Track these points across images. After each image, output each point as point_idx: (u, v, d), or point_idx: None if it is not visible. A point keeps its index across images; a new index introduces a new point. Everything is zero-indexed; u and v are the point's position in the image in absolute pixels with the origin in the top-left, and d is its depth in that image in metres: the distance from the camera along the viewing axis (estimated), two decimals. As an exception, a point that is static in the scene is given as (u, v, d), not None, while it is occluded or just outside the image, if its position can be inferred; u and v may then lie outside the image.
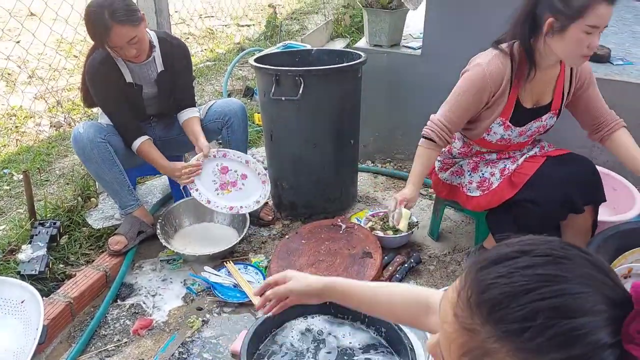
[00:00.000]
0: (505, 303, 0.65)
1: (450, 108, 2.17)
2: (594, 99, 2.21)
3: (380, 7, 3.05)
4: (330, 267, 2.41)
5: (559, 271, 0.66)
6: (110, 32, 2.28)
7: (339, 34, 5.69)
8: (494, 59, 2.07)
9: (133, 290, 2.42)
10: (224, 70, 4.73)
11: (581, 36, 1.85)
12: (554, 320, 0.63)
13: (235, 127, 2.72)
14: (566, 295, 0.64)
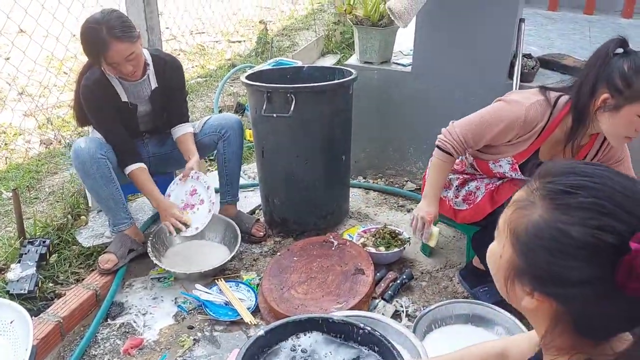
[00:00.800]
0: (560, 177, 0.84)
1: (472, 129, 2.12)
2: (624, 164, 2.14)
3: (371, 25, 3.08)
4: (323, 284, 2.40)
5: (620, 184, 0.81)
6: (108, 49, 2.28)
7: (329, 50, 5.72)
8: (536, 105, 2.01)
9: (123, 309, 2.40)
10: (215, 87, 4.74)
11: (633, 119, 1.81)
12: (588, 198, 0.79)
13: (232, 140, 2.73)
14: (609, 196, 0.79)
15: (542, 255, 0.81)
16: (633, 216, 0.77)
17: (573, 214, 0.79)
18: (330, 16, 6.67)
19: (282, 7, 7.65)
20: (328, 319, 1.78)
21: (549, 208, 0.82)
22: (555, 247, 0.80)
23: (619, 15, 4.56)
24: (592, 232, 0.77)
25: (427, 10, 2.77)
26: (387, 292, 2.42)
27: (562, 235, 0.79)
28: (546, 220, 0.82)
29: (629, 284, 0.74)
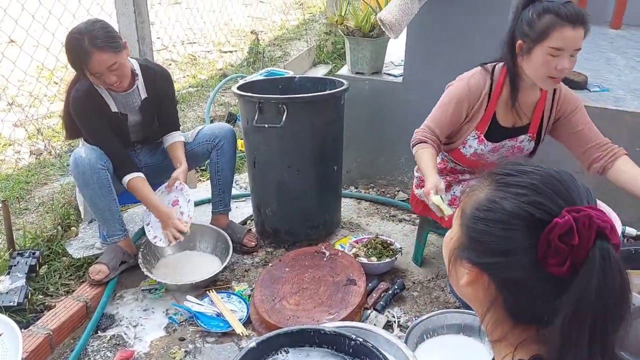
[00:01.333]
0: (509, 165, 0.92)
1: (433, 119, 2.26)
2: (580, 128, 2.21)
3: (362, 36, 3.09)
4: (314, 294, 2.39)
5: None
6: (90, 59, 2.28)
7: (321, 60, 5.75)
8: (476, 74, 2.21)
9: (114, 321, 2.38)
10: (207, 97, 4.74)
11: (546, 58, 1.95)
12: (526, 180, 0.86)
13: (225, 150, 2.73)
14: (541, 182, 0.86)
15: (479, 226, 0.88)
16: (566, 201, 0.83)
17: (510, 190, 0.87)
18: (321, 26, 6.70)
19: (274, 18, 7.67)
20: (320, 331, 1.78)
21: (492, 188, 0.90)
22: (490, 217, 0.87)
23: (608, 26, 4.61)
24: (522, 206, 0.84)
25: (418, 21, 2.78)
26: (379, 303, 2.42)
27: (497, 207, 0.86)
28: (487, 195, 0.90)
29: (549, 259, 0.79)
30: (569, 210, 0.80)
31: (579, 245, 0.78)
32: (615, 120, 2.77)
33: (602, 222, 0.79)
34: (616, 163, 2.18)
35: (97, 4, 3.67)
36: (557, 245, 0.79)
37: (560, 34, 1.91)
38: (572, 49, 1.94)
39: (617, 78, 3.28)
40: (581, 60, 3.59)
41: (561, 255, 0.79)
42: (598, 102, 2.86)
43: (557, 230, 0.79)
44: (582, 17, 1.91)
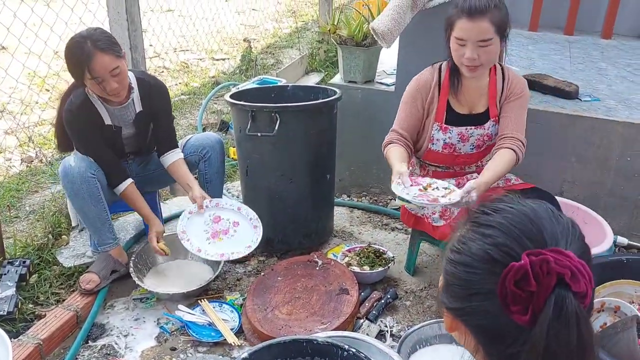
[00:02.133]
0: (490, 202, 0.88)
1: (395, 123, 2.41)
2: (512, 114, 2.28)
3: (355, 45, 3.10)
4: (307, 304, 2.39)
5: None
6: (92, 61, 2.25)
7: (313, 68, 5.75)
8: (424, 72, 2.40)
9: (105, 330, 2.37)
10: (199, 104, 4.74)
11: (455, 47, 2.14)
12: (498, 218, 0.83)
13: (213, 161, 2.72)
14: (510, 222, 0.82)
15: (450, 268, 0.86)
16: (534, 242, 0.79)
17: (479, 230, 0.84)
18: (314, 35, 6.71)
19: (266, 25, 7.68)
20: (312, 341, 1.77)
21: (467, 227, 0.87)
22: (458, 259, 0.84)
23: (599, 36, 4.65)
24: (486, 248, 0.80)
25: (410, 31, 2.79)
26: (372, 312, 2.41)
27: (464, 248, 0.84)
28: (459, 236, 0.87)
29: (511, 306, 0.75)
30: (529, 253, 0.76)
31: (537, 292, 0.74)
32: (607, 130, 2.79)
33: (562, 268, 0.74)
34: (496, 152, 2.22)
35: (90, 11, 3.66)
36: (513, 291, 0.74)
37: (459, 25, 2.08)
38: (474, 39, 2.07)
39: (608, 88, 3.31)
40: (572, 71, 3.64)
41: (521, 302, 0.74)
42: (589, 112, 2.88)
43: (512, 275, 0.75)
44: (478, 9, 2.03)
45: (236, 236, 2.58)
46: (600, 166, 2.87)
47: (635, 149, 2.77)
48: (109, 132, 2.54)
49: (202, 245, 2.51)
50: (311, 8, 8.52)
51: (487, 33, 2.05)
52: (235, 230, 2.60)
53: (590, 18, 4.71)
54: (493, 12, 2.04)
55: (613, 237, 2.66)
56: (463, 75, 2.25)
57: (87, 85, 2.38)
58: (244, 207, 2.64)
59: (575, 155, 2.89)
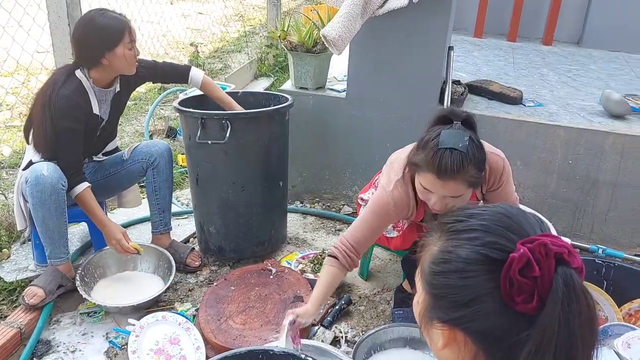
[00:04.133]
0: (456, 211, 0.90)
1: (357, 228, 2.10)
2: (502, 196, 2.12)
3: (305, 51, 3.10)
4: (261, 313, 2.36)
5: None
6: (128, 26, 2.42)
7: (263, 73, 5.73)
8: (397, 185, 2.02)
9: (51, 347, 2.28)
10: (145, 110, 4.63)
11: (419, 187, 1.87)
12: (476, 222, 0.85)
13: (161, 169, 2.66)
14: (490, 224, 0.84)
15: (439, 281, 0.85)
16: (518, 235, 0.81)
17: (461, 237, 0.85)
18: (262, 39, 6.67)
19: (213, 29, 7.59)
20: (268, 351, 1.75)
21: (444, 238, 0.87)
22: (447, 269, 0.84)
23: (540, 42, 4.81)
24: (477, 249, 0.81)
25: (361, 38, 2.82)
26: (326, 319, 2.41)
27: (452, 257, 0.84)
28: (440, 247, 0.87)
29: (515, 297, 0.77)
30: (523, 242, 0.78)
31: (541, 276, 0.76)
32: (550, 134, 2.89)
33: (559, 248, 0.77)
34: None
35: (28, 14, 3.52)
36: (519, 281, 0.76)
37: (426, 177, 1.82)
38: (442, 194, 1.83)
39: (550, 93, 3.42)
40: (516, 76, 3.75)
41: (526, 290, 0.76)
42: (533, 116, 2.97)
43: (515, 265, 0.76)
44: (451, 172, 1.74)
45: None
46: (544, 169, 2.97)
47: (576, 152, 2.88)
48: (93, 122, 2.49)
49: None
50: (259, 12, 8.47)
51: (457, 191, 1.81)
52: None
53: (532, 25, 4.88)
54: (467, 170, 1.76)
55: (557, 238, 2.74)
56: None
57: (114, 56, 2.39)
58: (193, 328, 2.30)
59: (520, 159, 2.97)
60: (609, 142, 2.83)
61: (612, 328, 2.06)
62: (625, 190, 2.88)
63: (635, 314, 2.15)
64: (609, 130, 2.84)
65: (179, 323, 2.28)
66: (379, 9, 2.68)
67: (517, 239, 0.80)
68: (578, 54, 4.53)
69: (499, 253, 0.80)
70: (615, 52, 4.65)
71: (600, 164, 2.87)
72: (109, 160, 2.72)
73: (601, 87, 3.47)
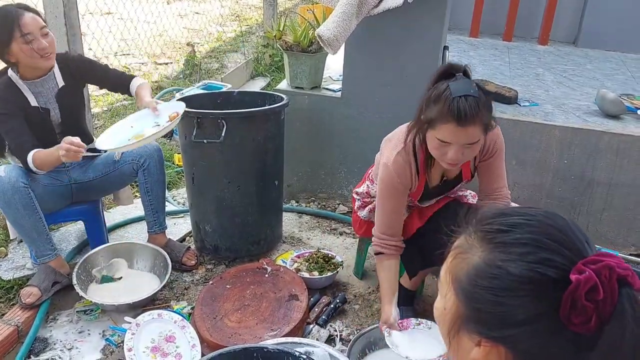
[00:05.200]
0: (494, 219, 0.84)
1: (380, 220, 2.18)
2: (492, 169, 2.20)
3: (301, 51, 3.10)
4: (256, 311, 2.37)
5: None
6: (23, 17, 2.29)
7: (259, 73, 5.73)
8: (397, 156, 2.07)
9: (48, 344, 2.29)
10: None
11: (436, 145, 1.90)
12: (525, 234, 0.79)
13: (152, 170, 2.65)
14: (541, 234, 0.79)
15: (485, 296, 0.79)
16: (572, 251, 0.77)
17: (511, 251, 0.79)
18: (259, 39, 6.68)
19: (210, 29, 7.60)
20: (263, 348, 1.76)
21: (487, 249, 0.81)
22: (497, 286, 0.78)
23: (536, 42, 4.83)
24: (531, 267, 0.76)
25: (356, 37, 2.82)
26: (321, 317, 2.42)
27: (502, 273, 0.78)
28: (485, 260, 0.80)
29: (573, 318, 0.73)
30: (585, 262, 0.74)
31: (604, 299, 0.72)
32: (545, 134, 2.90)
33: (623, 271, 0.74)
34: None
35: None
36: (583, 305, 0.72)
37: (446, 128, 1.84)
38: (461, 143, 1.85)
39: (546, 93, 3.44)
40: (512, 76, 3.76)
41: (587, 313, 0.73)
42: (528, 116, 2.99)
43: (582, 288, 0.72)
44: (470, 116, 1.79)
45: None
46: (539, 169, 2.98)
47: (572, 152, 2.89)
48: (37, 115, 2.45)
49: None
50: (255, 12, 8.48)
51: (475, 136, 1.85)
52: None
53: (527, 25, 4.88)
54: (482, 113, 1.82)
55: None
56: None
57: (13, 53, 2.31)
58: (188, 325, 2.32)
59: (516, 158, 2.98)
60: (604, 141, 2.84)
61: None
62: (620, 189, 2.89)
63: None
64: (604, 130, 2.86)
65: (174, 321, 2.30)
66: (374, 8, 2.69)
67: (571, 255, 0.77)
68: (574, 54, 4.54)
69: (555, 271, 0.76)
70: (611, 52, 4.66)
71: (596, 163, 2.88)
72: (101, 160, 2.70)
73: (597, 87, 3.48)
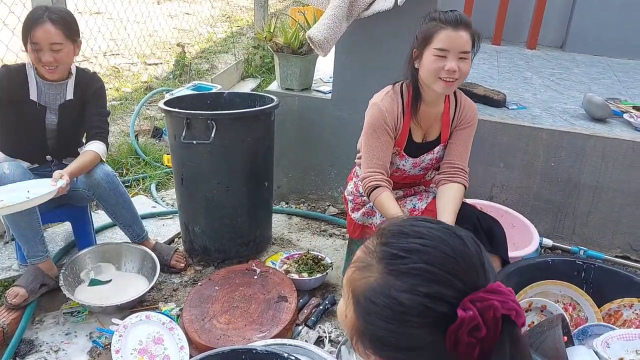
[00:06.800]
0: (394, 239, 0.85)
1: (370, 156, 2.23)
2: (459, 142, 2.30)
3: (291, 52, 3.11)
4: (245, 313, 2.37)
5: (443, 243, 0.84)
6: (37, 27, 2.28)
7: (249, 74, 5.73)
8: (385, 96, 2.24)
9: (34, 346, 2.27)
10: (131, 110, 4.62)
11: (433, 59, 2.05)
12: (418, 263, 0.81)
13: (106, 197, 2.55)
14: (439, 257, 0.81)
15: (377, 320, 0.83)
16: (462, 282, 0.79)
17: (404, 280, 0.81)
18: (249, 40, 6.69)
19: (200, 30, 7.59)
20: (252, 350, 1.76)
21: (383, 272, 0.83)
22: (389, 315, 0.81)
23: (524, 46, 4.87)
24: (422, 301, 0.79)
25: (346, 40, 2.83)
26: (310, 319, 2.42)
27: (394, 303, 0.80)
28: (380, 285, 0.83)
29: (458, 349, 0.77)
30: (472, 300, 0.77)
31: (486, 336, 0.76)
32: (532, 137, 2.92)
33: (507, 311, 0.77)
34: (447, 186, 2.26)
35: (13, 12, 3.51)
36: (466, 340, 0.76)
37: (442, 35, 2.02)
38: (457, 50, 2.03)
39: (533, 96, 3.47)
40: (500, 80, 3.79)
41: (471, 346, 0.76)
42: (516, 119, 3.01)
43: (465, 327, 0.76)
44: (463, 20, 2.03)
45: None
46: (527, 171, 3.00)
47: (559, 155, 2.92)
48: (32, 109, 2.44)
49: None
50: (246, 13, 8.48)
51: (468, 45, 2.04)
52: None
53: (516, 29, 4.93)
54: (471, 25, 2.06)
55: (539, 240, 2.78)
56: (422, 101, 2.19)
57: (28, 52, 2.35)
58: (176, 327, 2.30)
59: (504, 161, 3.01)
60: (590, 144, 2.87)
61: (591, 328, 2.09)
62: (606, 192, 2.92)
63: (614, 315, 2.18)
64: (591, 133, 2.89)
65: (162, 323, 2.29)
66: (364, 11, 2.70)
67: (463, 288, 0.79)
68: (561, 58, 4.58)
69: (445, 306, 0.78)
70: (598, 56, 4.72)
71: (582, 166, 2.91)
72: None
73: (583, 91, 3.52)
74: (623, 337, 1.95)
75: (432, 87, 2.10)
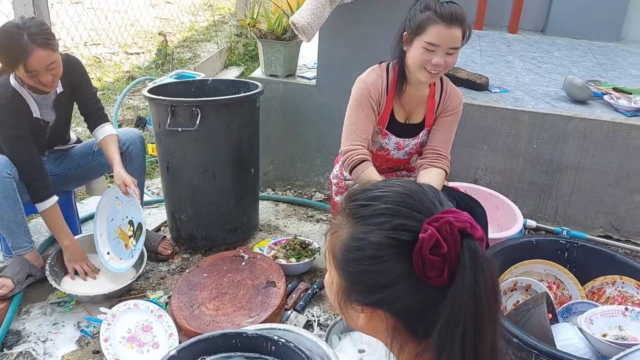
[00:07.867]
0: (359, 194, 0.93)
1: (352, 133, 2.24)
2: (443, 129, 2.31)
3: (275, 39, 3.10)
4: (234, 299, 2.38)
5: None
6: (29, 55, 2.16)
7: (232, 62, 5.70)
8: (371, 71, 2.28)
9: (21, 337, 2.26)
10: (114, 100, 4.58)
11: (422, 51, 2.05)
12: (380, 205, 0.88)
13: (134, 156, 2.63)
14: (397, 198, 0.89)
15: (355, 267, 0.89)
16: (423, 213, 0.86)
17: (370, 222, 0.88)
18: (232, 28, 6.64)
19: (182, 19, 7.51)
20: (241, 334, 1.77)
21: (352, 224, 0.90)
22: (362, 256, 0.87)
23: (506, 30, 4.89)
24: (388, 234, 0.85)
25: (330, 25, 2.83)
26: (299, 303, 2.44)
27: (365, 244, 0.87)
28: (351, 234, 0.89)
29: (428, 273, 0.82)
30: (429, 222, 0.83)
31: (448, 251, 0.81)
32: (515, 119, 2.95)
33: (462, 223, 0.82)
34: (428, 169, 2.27)
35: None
36: (431, 259, 0.81)
37: (434, 30, 2.00)
38: (447, 46, 2.02)
39: (516, 80, 3.49)
40: (482, 64, 3.81)
41: (437, 266, 0.81)
42: (499, 102, 3.03)
43: (426, 245, 0.81)
44: (458, 17, 2.00)
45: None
46: (510, 154, 3.03)
47: (541, 137, 2.95)
48: (36, 126, 2.42)
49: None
50: (228, 1, 8.41)
51: (458, 41, 2.04)
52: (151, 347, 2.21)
53: (497, 14, 4.95)
54: (465, 18, 2.04)
55: (523, 220, 2.82)
56: (408, 82, 2.21)
57: (17, 75, 2.28)
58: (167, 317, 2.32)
59: (487, 144, 3.03)
60: (571, 126, 2.91)
61: (575, 305, 2.13)
62: (587, 173, 2.96)
63: (597, 292, 2.22)
64: (572, 115, 2.92)
65: (151, 310, 2.29)
66: (347, -4, 2.70)
67: (423, 217, 0.84)
68: (542, 42, 4.61)
69: (408, 234, 0.84)
70: (578, 39, 4.75)
71: (564, 147, 2.94)
72: (78, 150, 2.69)
73: (564, 74, 3.55)
74: (606, 314, 2.00)
75: (416, 75, 2.12)
